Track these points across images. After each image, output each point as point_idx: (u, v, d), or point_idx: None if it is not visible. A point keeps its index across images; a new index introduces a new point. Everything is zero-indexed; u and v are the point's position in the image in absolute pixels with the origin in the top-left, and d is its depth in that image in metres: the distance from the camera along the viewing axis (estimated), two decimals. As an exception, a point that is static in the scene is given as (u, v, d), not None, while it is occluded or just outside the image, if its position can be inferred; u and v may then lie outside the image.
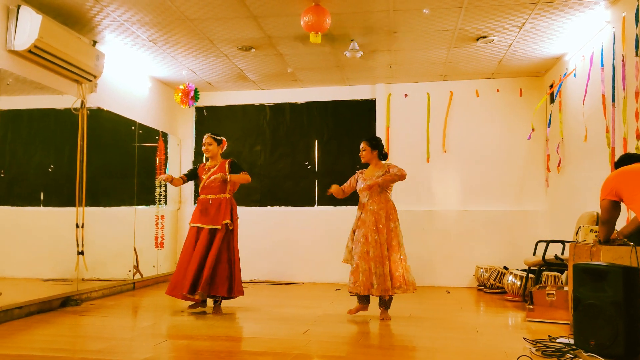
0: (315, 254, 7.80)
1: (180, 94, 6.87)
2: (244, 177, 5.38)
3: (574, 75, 6.18)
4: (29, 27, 4.87)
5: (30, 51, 4.95)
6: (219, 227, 5.19)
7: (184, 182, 5.51)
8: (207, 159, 5.55)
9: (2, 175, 4.73)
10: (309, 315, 5.11)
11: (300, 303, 6.00)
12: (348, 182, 5.19)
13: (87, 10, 5.23)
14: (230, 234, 5.26)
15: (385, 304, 4.91)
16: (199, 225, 5.26)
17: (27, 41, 4.87)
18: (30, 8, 4.93)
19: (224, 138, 5.58)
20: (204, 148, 5.45)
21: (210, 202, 5.29)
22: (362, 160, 5.11)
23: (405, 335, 4.36)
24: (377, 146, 5.08)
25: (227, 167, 5.39)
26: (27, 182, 5.34)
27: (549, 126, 7.09)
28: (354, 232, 4.97)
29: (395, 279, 4.78)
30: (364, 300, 4.97)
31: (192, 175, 5.54)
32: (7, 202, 4.83)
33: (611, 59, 5.10)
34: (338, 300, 6.05)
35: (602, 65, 5.37)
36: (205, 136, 5.48)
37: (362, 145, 5.09)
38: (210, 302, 5.38)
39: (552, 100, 7.08)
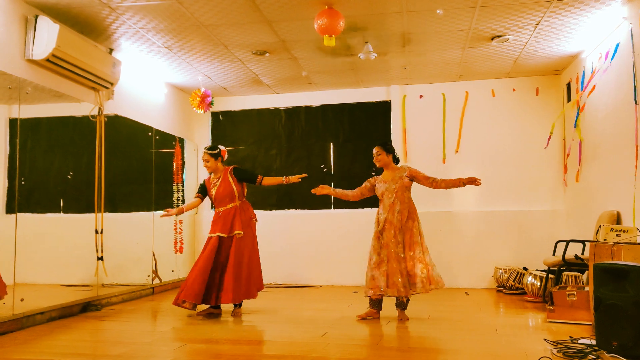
0: (333, 257, 7.79)
1: (197, 99, 6.92)
2: (274, 180, 5.51)
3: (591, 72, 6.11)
4: (47, 36, 4.94)
5: (48, 60, 5.03)
6: (230, 234, 5.23)
7: (202, 200, 5.54)
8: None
9: (23, 182, 4.80)
10: (327, 318, 5.10)
11: (317, 306, 5.99)
12: (364, 185, 5.20)
13: (103, 19, 5.30)
14: (241, 240, 5.25)
15: (402, 305, 4.90)
16: (210, 234, 5.31)
17: (45, 50, 4.95)
18: (47, 18, 5.01)
19: (222, 147, 5.53)
20: (203, 164, 5.47)
21: (220, 213, 5.33)
22: (378, 165, 5.11)
23: (424, 337, 4.33)
24: (391, 150, 5.12)
25: (230, 177, 5.37)
26: (47, 189, 5.41)
27: (575, 126, 7.02)
28: (380, 233, 4.94)
29: (417, 277, 4.80)
30: (376, 305, 4.96)
31: (204, 192, 5.52)
32: (28, 209, 4.90)
33: (630, 55, 5.04)
34: (356, 302, 6.03)
35: (611, 61, 5.30)
36: (202, 153, 5.48)
37: (376, 150, 5.09)
38: (226, 306, 5.42)
39: (569, 99, 7.01)
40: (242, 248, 5.23)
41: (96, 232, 5.78)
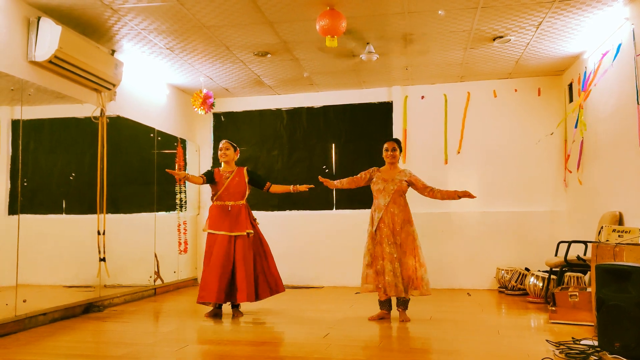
0: (334, 258, 7.79)
1: (199, 100, 6.93)
2: (282, 188, 5.57)
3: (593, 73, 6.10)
4: (49, 38, 4.96)
5: (50, 61, 5.04)
6: (243, 233, 5.22)
7: (204, 182, 5.36)
8: (219, 165, 5.59)
9: (25, 184, 4.81)
10: (329, 319, 5.11)
11: (319, 307, 5.99)
12: (361, 177, 5.19)
13: (106, 20, 5.31)
14: (251, 240, 5.28)
15: (403, 304, 4.92)
16: (222, 232, 5.22)
17: (48, 52, 4.96)
18: (50, 19, 5.02)
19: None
20: (220, 153, 5.45)
21: (230, 208, 5.32)
22: (389, 161, 5.10)
23: (426, 338, 4.34)
24: (402, 149, 5.20)
25: (245, 174, 5.44)
26: (50, 191, 5.42)
27: (575, 126, 7.02)
28: (374, 232, 4.97)
29: (414, 280, 4.83)
30: (386, 306, 4.99)
31: (210, 179, 5.42)
32: (30, 210, 4.91)
33: (632, 55, 5.04)
34: (357, 303, 6.04)
35: (612, 61, 5.30)
36: (223, 141, 5.52)
37: (391, 145, 5.10)
38: (226, 307, 5.42)
39: (571, 100, 7.01)
40: (251, 247, 5.25)
41: (98, 233, 5.79)
